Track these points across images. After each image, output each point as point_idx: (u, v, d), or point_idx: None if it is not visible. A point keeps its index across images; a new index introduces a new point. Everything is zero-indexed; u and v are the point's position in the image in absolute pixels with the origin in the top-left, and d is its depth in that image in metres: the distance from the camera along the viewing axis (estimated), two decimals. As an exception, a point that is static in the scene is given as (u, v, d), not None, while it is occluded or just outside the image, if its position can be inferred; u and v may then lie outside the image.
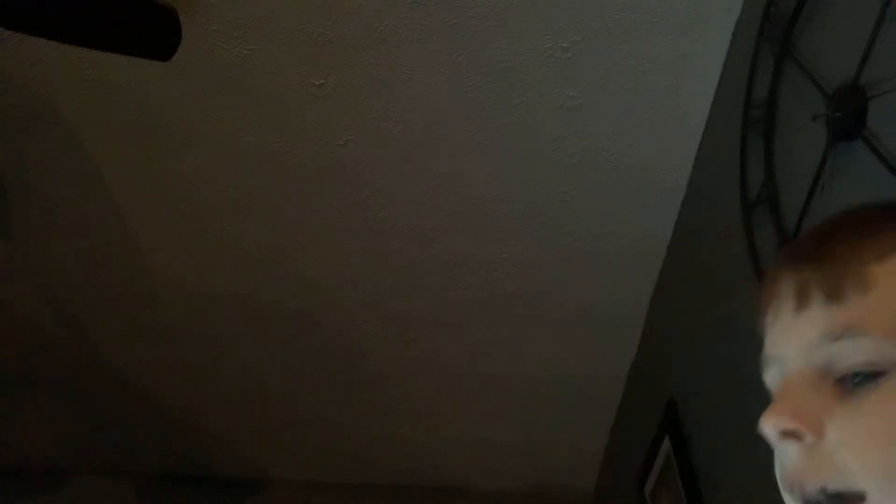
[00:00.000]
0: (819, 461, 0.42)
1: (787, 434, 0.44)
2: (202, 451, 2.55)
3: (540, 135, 1.67)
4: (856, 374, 0.42)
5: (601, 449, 2.54)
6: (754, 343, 0.52)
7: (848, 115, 1.08)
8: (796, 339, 0.46)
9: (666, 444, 1.86)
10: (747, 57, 1.41)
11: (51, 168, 1.77)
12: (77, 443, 2.50)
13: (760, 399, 0.50)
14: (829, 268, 0.45)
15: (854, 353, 0.42)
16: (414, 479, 2.65)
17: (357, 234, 1.90)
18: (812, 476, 0.43)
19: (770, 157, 1.31)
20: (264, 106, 1.63)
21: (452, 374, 2.28)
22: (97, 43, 1.18)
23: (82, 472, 2.52)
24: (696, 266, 1.76)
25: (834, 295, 0.44)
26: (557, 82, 1.57)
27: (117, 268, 1.98)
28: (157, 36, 1.19)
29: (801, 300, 0.46)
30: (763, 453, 0.51)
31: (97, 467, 2.53)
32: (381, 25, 1.49)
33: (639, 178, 1.75)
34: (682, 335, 1.83)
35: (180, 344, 2.19)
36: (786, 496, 0.46)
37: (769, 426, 0.45)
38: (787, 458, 0.45)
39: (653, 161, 1.72)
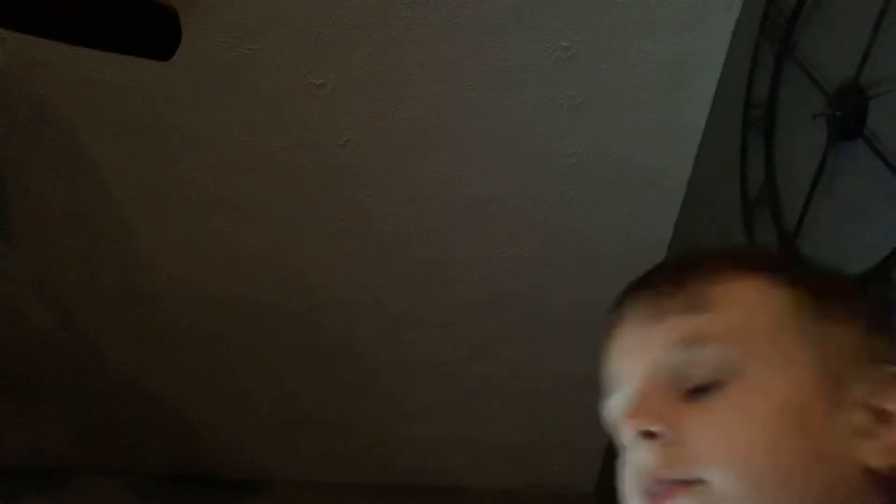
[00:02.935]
0: (675, 457, 0.47)
1: (646, 435, 0.48)
2: (203, 452, 2.55)
3: (540, 135, 1.67)
4: (704, 385, 0.48)
5: (601, 449, 2.53)
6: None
7: (848, 115, 1.08)
8: (651, 349, 0.51)
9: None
10: (747, 57, 1.41)
11: (51, 168, 1.76)
12: (77, 443, 2.49)
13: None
14: (685, 289, 0.51)
15: (703, 359, 0.49)
16: (414, 479, 2.65)
17: (357, 234, 1.89)
18: (669, 472, 0.47)
19: (770, 157, 1.31)
20: (264, 106, 1.63)
21: (452, 374, 2.28)
22: (97, 43, 1.18)
23: (82, 472, 2.51)
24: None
25: (686, 308, 0.51)
26: (557, 82, 1.57)
27: (117, 268, 1.98)
28: (157, 36, 1.19)
29: (658, 315, 0.52)
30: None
31: (97, 467, 2.53)
32: (381, 25, 1.49)
33: (639, 178, 1.75)
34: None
35: (180, 344, 2.19)
36: (631, 498, 0.50)
37: (629, 428, 0.50)
38: (642, 460, 0.49)
39: (653, 161, 1.72)
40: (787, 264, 0.55)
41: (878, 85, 1.03)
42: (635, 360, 0.53)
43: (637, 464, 0.50)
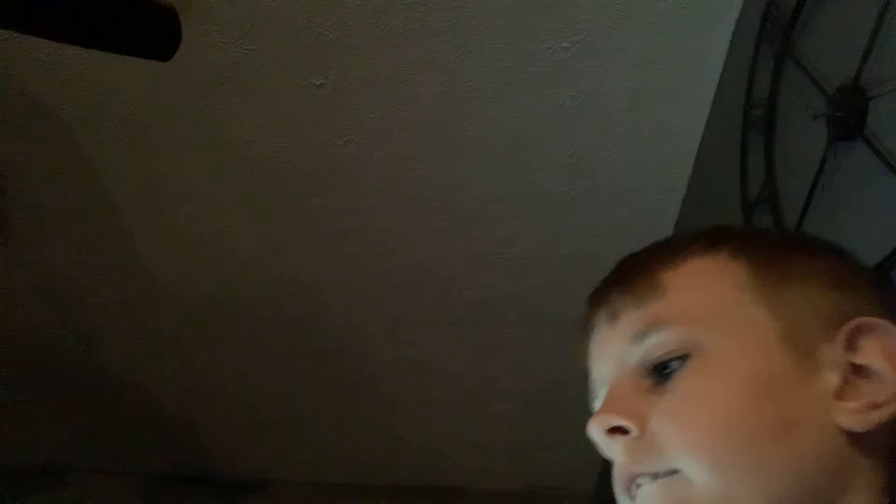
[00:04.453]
0: (645, 450, 0.46)
1: (614, 431, 0.48)
2: (202, 452, 2.55)
3: (540, 134, 1.67)
4: (664, 365, 0.47)
5: (601, 449, 2.54)
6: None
7: (848, 115, 1.08)
8: (613, 349, 0.52)
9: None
10: (747, 57, 1.41)
11: (51, 168, 1.76)
12: (77, 443, 2.49)
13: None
14: (633, 286, 0.52)
15: (660, 344, 0.48)
16: (414, 479, 2.65)
17: (357, 234, 1.89)
18: (640, 466, 0.46)
19: (770, 157, 1.31)
20: (264, 106, 1.63)
21: (452, 374, 2.28)
22: (97, 43, 1.18)
23: (82, 472, 2.51)
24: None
25: (638, 301, 0.51)
26: (557, 82, 1.57)
27: (117, 268, 1.98)
28: (157, 36, 1.19)
29: (614, 316, 0.52)
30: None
31: (97, 467, 2.53)
32: (381, 25, 1.49)
33: (639, 178, 1.75)
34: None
35: (180, 344, 2.19)
36: (621, 499, 0.49)
37: (595, 426, 0.49)
38: (616, 458, 0.49)
39: (653, 161, 1.72)
40: (732, 237, 0.53)
41: (878, 85, 1.03)
42: (603, 366, 0.53)
43: (614, 462, 0.49)
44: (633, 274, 0.53)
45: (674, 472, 0.45)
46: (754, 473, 0.43)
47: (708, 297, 0.49)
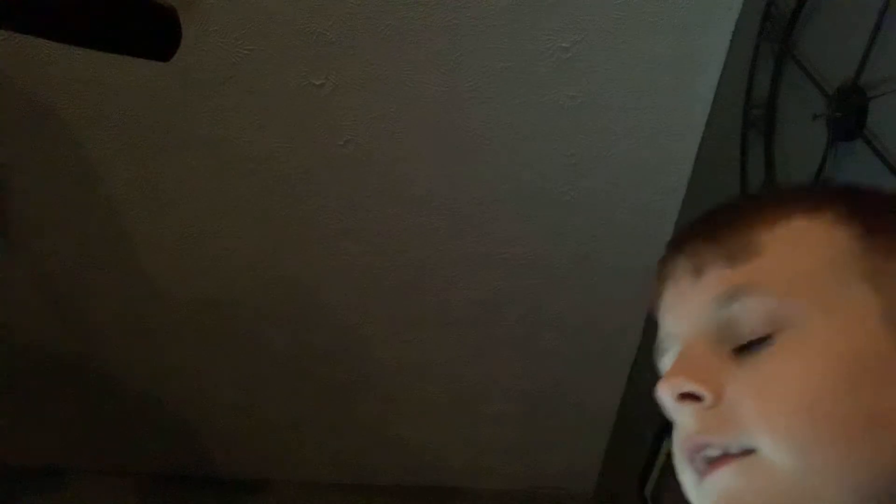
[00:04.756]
0: (719, 421, 0.42)
1: (685, 397, 0.44)
2: (202, 452, 2.55)
3: (540, 134, 1.67)
4: (752, 341, 0.43)
5: (601, 449, 2.53)
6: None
7: (848, 115, 1.08)
8: (693, 307, 0.47)
9: (667, 444, 1.86)
10: (747, 57, 1.41)
11: (50, 168, 1.76)
12: (77, 443, 2.49)
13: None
14: (724, 239, 0.46)
15: (750, 312, 0.43)
16: (414, 479, 2.65)
17: (357, 234, 1.89)
18: (712, 437, 0.42)
19: (770, 157, 1.31)
20: (264, 106, 1.63)
21: (452, 374, 2.28)
22: (97, 43, 1.18)
23: (82, 472, 2.51)
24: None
25: (729, 258, 0.45)
26: (557, 82, 1.57)
27: (117, 268, 1.98)
28: (157, 36, 1.19)
29: (698, 271, 0.47)
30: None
31: (97, 467, 2.53)
32: (381, 25, 1.49)
33: (639, 178, 1.75)
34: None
35: (180, 344, 2.19)
36: (682, 471, 0.45)
37: (666, 390, 0.45)
38: (684, 425, 0.44)
39: (653, 161, 1.72)
40: (844, 197, 0.47)
41: (878, 85, 1.03)
42: (679, 320, 0.48)
43: (680, 430, 0.45)
44: (725, 226, 0.47)
45: (750, 451, 0.41)
46: (842, 464, 0.39)
47: (807, 265, 0.44)
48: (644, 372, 2.16)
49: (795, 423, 0.40)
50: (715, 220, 0.49)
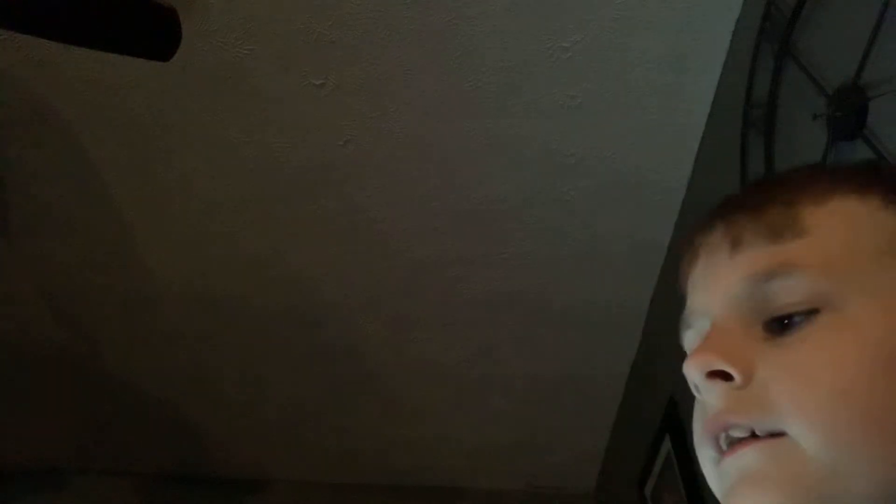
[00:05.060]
0: (748, 401, 0.41)
1: (714, 375, 0.42)
2: (202, 452, 2.55)
3: (540, 135, 1.67)
4: (787, 317, 0.42)
5: (601, 449, 2.54)
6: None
7: (848, 115, 1.08)
8: (728, 282, 0.45)
9: (667, 444, 1.86)
10: (747, 57, 1.41)
11: (51, 168, 1.76)
12: (77, 443, 2.50)
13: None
14: (767, 214, 0.45)
15: (789, 290, 0.42)
16: (414, 479, 2.65)
17: (357, 234, 1.89)
18: (739, 417, 0.41)
19: (770, 157, 1.31)
20: (264, 106, 1.63)
21: (453, 374, 2.28)
22: (97, 43, 1.18)
23: (82, 472, 2.51)
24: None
25: (771, 234, 0.44)
26: (557, 82, 1.57)
27: (117, 268, 1.98)
28: (157, 36, 1.19)
29: (736, 245, 0.45)
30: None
31: (97, 467, 2.53)
32: (381, 25, 1.49)
33: (639, 179, 1.75)
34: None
35: (180, 344, 2.19)
36: (701, 449, 0.44)
37: (695, 367, 0.43)
38: (711, 404, 0.43)
39: (653, 161, 1.72)
40: (888, 179, 0.45)
41: (878, 85, 1.03)
42: (711, 295, 0.46)
43: (705, 408, 0.44)
44: (768, 201, 0.45)
45: (780, 434, 0.40)
46: (874, 455, 0.38)
47: (851, 248, 0.42)
48: (644, 372, 2.16)
49: (827, 408, 0.39)
50: (759, 193, 0.47)
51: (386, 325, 2.14)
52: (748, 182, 0.50)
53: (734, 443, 0.41)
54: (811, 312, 0.41)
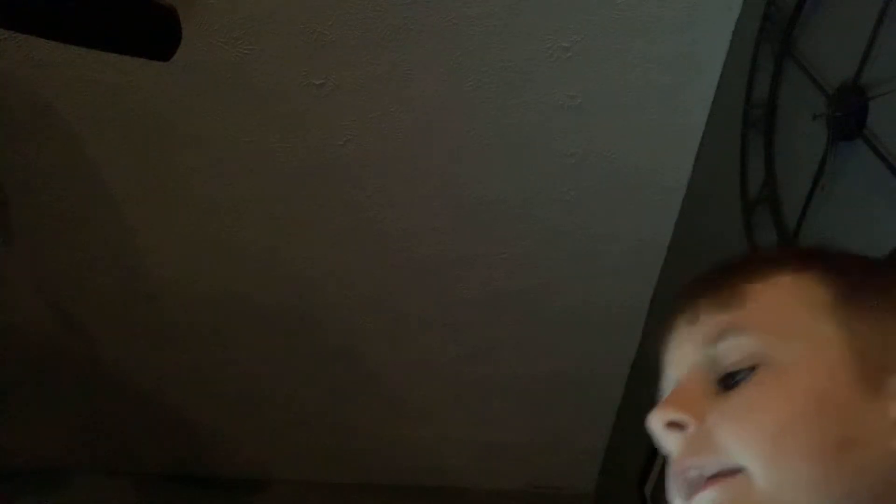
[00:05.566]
0: (700, 444, 0.48)
1: (672, 425, 0.50)
2: (202, 451, 2.55)
3: (540, 135, 1.67)
4: (735, 374, 0.49)
5: (601, 449, 2.54)
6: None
7: (848, 115, 1.08)
8: (688, 350, 0.53)
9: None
10: (747, 57, 1.41)
11: (51, 168, 1.76)
12: (77, 443, 2.49)
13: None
14: (717, 291, 0.53)
15: (733, 348, 0.50)
16: (414, 479, 2.65)
17: (357, 234, 1.89)
18: (693, 459, 0.48)
19: (770, 157, 1.31)
20: (264, 106, 1.63)
21: (452, 374, 2.28)
22: (97, 43, 1.18)
23: (82, 472, 2.51)
24: (696, 266, 1.76)
25: (719, 306, 0.52)
26: (557, 82, 1.57)
27: (117, 267, 1.98)
28: (157, 36, 1.19)
29: (694, 320, 0.54)
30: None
31: (97, 467, 2.53)
32: (381, 25, 1.49)
33: (639, 178, 1.75)
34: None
35: (180, 344, 2.19)
36: (673, 496, 0.50)
37: (654, 420, 0.51)
38: (671, 451, 0.50)
39: (653, 161, 1.72)
40: (824, 258, 0.55)
41: (878, 85, 1.03)
42: (677, 365, 0.55)
43: (669, 457, 0.50)
44: (720, 281, 0.55)
45: (736, 471, 0.46)
46: (816, 484, 0.45)
47: (786, 313, 0.51)
48: (644, 372, 2.16)
49: (769, 445, 0.46)
50: (711, 278, 0.56)
51: (386, 324, 2.14)
52: (712, 266, 0.58)
53: (700, 484, 0.48)
54: (752, 368, 0.49)
